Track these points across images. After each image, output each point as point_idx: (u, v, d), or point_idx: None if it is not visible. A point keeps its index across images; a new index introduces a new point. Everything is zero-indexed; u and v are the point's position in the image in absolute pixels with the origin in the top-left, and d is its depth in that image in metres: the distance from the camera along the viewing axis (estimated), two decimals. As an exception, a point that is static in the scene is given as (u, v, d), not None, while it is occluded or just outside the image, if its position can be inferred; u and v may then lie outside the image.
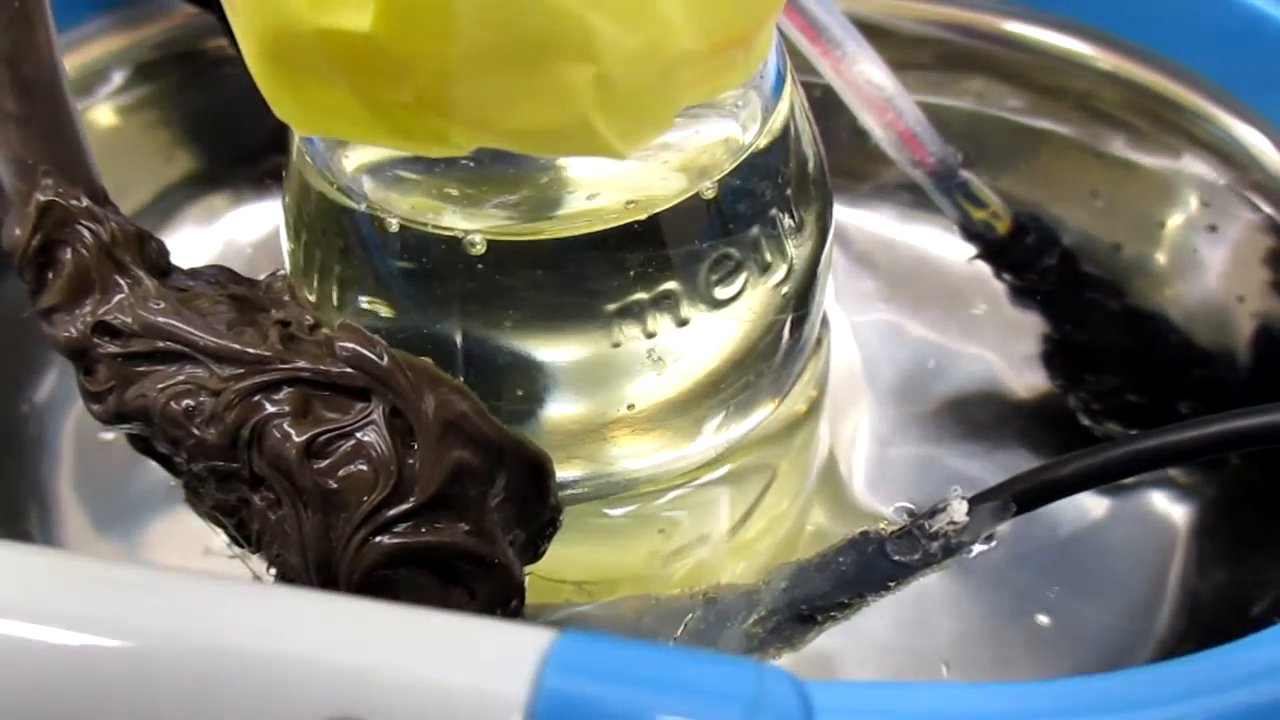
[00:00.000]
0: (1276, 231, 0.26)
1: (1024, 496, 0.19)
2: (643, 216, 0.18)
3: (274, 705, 0.12)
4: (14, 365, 0.29)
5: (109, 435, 0.30)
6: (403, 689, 0.12)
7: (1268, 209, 0.27)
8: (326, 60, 0.15)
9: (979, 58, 0.32)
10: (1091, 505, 0.26)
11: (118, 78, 0.34)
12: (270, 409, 0.19)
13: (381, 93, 0.15)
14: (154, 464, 0.21)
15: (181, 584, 0.13)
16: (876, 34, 0.29)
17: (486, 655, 0.12)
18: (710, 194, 0.19)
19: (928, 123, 0.29)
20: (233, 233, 0.33)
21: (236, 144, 0.34)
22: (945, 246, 0.31)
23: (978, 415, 0.29)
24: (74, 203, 0.19)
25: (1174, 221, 0.29)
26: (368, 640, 0.12)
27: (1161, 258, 0.29)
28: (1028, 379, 0.29)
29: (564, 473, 0.21)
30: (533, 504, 0.20)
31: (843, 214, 0.32)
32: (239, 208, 0.34)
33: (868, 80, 0.29)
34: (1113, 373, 0.27)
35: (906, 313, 0.30)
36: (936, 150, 0.29)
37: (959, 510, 0.20)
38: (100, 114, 0.33)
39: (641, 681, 0.12)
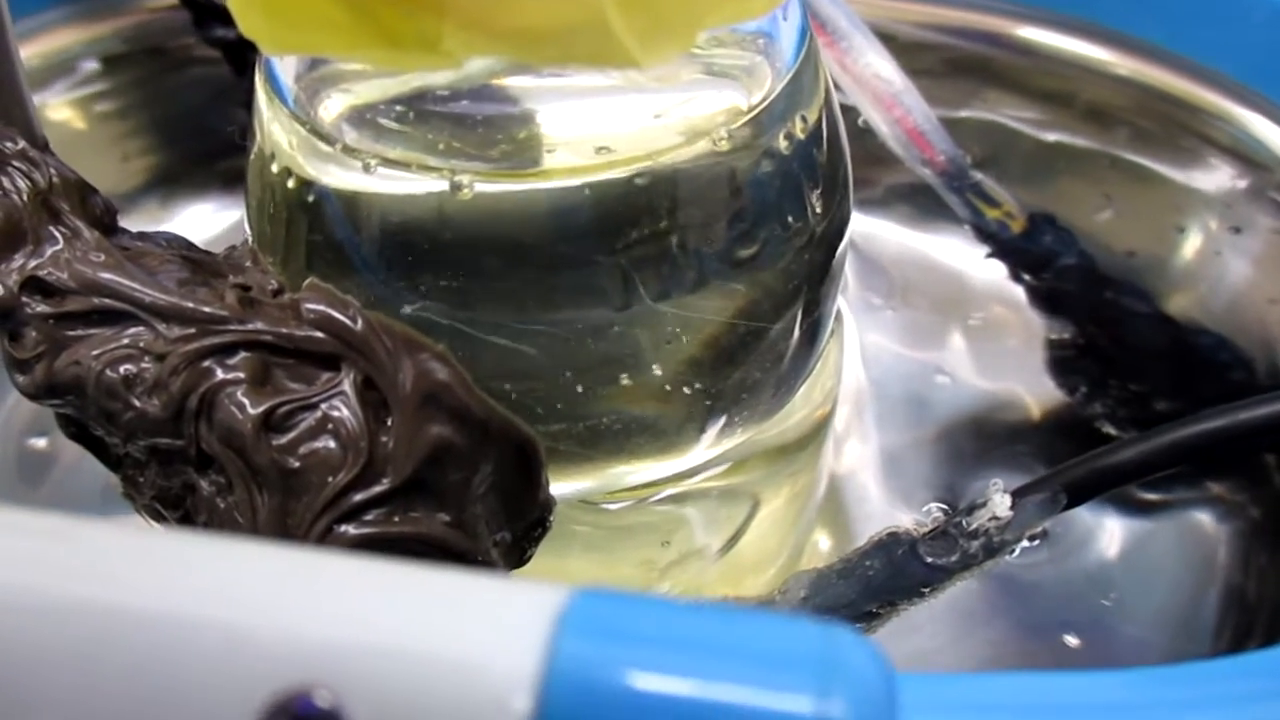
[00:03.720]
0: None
1: (1075, 486, 0.17)
2: (661, 167, 0.17)
3: (211, 676, 0.09)
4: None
5: (41, 442, 0.27)
6: (378, 654, 0.09)
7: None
8: (303, -52, 0.13)
9: (983, 63, 0.30)
10: (1123, 525, 0.24)
11: (85, 68, 0.32)
12: (223, 375, 0.16)
13: (365, -15, 0.13)
14: (89, 472, 0.19)
15: (99, 531, 0.11)
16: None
17: (486, 616, 0.09)
18: (725, 146, 0.17)
19: (936, 120, 0.27)
20: (192, 229, 0.31)
21: (201, 142, 0.32)
22: (956, 254, 0.29)
23: (991, 427, 0.27)
24: (7, 144, 0.17)
25: (1195, 225, 0.27)
26: (332, 596, 0.10)
27: (1184, 261, 0.27)
28: (1046, 387, 0.27)
29: (555, 468, 0.19)
30: (521, 496, 0.18)
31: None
32: (199, 203, 0.32)
33: (875, 74, 0.27)
34: (1139, 378, 0.25)
35: (915, 321, 0.29)
36: (946, 149, 0.27)
37: (1001, 504, 0.18)
38: (64, 105, 0.31)
39: (680, 645, 0.09)
